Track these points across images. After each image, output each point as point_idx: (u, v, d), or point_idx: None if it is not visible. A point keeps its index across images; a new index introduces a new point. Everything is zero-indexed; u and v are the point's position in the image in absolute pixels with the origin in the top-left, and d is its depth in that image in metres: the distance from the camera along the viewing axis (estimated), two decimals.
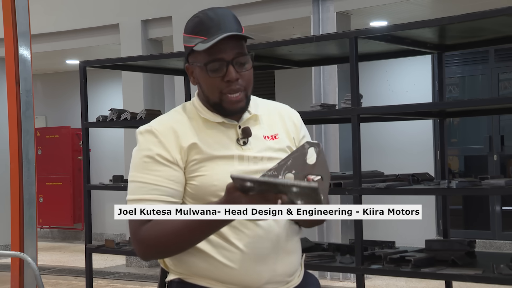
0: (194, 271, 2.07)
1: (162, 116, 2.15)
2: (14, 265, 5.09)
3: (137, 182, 2.04)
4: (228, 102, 2.04)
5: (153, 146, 2.04)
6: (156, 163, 2.03)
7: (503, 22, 4.23)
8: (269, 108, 2.20)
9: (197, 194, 2.04)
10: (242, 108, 2.07)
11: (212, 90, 2.05)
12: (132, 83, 9.18)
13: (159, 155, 2.03)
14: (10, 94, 5.06)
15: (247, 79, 2.06)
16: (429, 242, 4.52)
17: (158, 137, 2.05)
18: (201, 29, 2.03)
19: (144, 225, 1.99)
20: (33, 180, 5.05)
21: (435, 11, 7.77)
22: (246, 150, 2.08)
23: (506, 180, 4.07)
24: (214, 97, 2.05)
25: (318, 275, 7.81)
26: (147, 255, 2.06)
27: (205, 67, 2.03)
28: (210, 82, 2.04)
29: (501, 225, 9.38)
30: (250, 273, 2.02)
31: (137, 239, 2.01)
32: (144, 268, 9.17)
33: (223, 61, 2.02)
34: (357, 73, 4.42)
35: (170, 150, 2.03)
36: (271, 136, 2.13)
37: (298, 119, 2.23)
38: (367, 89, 8.64)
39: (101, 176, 10.01)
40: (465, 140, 10.11)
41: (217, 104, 2.06)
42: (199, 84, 2.10)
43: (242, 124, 2.10)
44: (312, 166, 1.90)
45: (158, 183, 2.02)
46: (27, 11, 5.08)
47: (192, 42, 2.05)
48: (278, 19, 8.17)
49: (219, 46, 2.00)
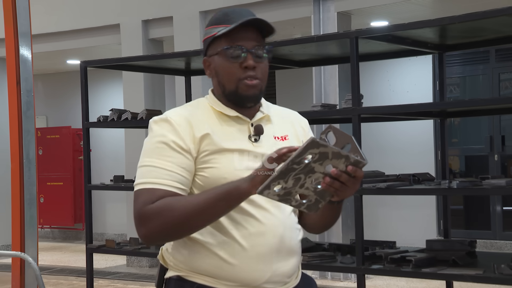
0: (193, 268, 2.07)
1: (176, 108, 2.17)
2: (15, 265, 5.09)
3: (149, 167, 2.03)
4: (244, 87, 2.08)
5: (168, 133, 2.06)
6: (170, 149, 2.04)
7: (503, 22, 4.23)
8: (280, 113, 2.25)
9: (206, 186, 2.04)
10: (256, 96, 2.11)
11: (229, 77, 2.09)
12: (133, 83, 9.18)
13: (174, 142, 2.05)
14: (11, 94, 5.06)
15: (263, 71, 2.12)
16: (430, 242, 4.52)
17: (174, 125, 2.07)
18: (225, 19, 2.11)
19: (154, 203, 1.98)
20: (34, 180, 5.05)
21: (435, 11, 7.77)
22: (257, 147, 2.10)
23: (507, 180, 4.07)
24: (230, 84, 2.10)
25: (318, 275, 7.82)
26: (152, 234, 1.99)
27: (225, 52, 2.08)
28: (229, 68, 2.09)
29: (502, 225, 9.38)
30: (250, 271, 2.03)
31: (144, 217, 1.97)
32: (145, 268, 9.17)
33: (243, 48, 2.08)
34: (358, 73, 4.42)
35: (185, 138, 2.05)
36: (282, 137, 2.16)
37: (307, 125, 2.29)
38: (367, 89, 8.65)
39: (102, 176, 10.02)
40: (465, 140, 10.11)
41: (233, 92, 2.10)
42: (216, 75, 2.14)
43: (255, 122, 2.13)
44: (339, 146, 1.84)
45: (171, 169, 2.02)
46: (28, 11, 5.08)
47: (215, 31, 2.11)
48: (278, 19, 8.17)
49: (241, 34, 2.08)
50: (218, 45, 2.11)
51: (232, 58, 2.08)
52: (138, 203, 2.00)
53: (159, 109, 6.78)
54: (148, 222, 1.97)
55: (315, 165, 1.78)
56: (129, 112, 5.64)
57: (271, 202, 2.02)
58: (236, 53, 2.08)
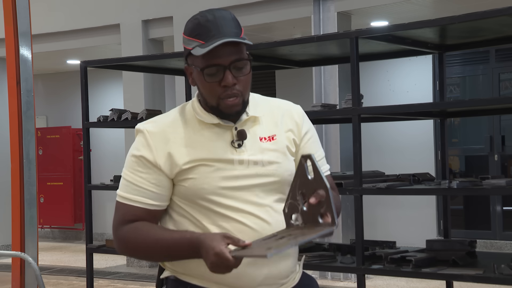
0: (188, 270, 2.08)
1: (159, 116, 2.17)
2: (15, 265, 5.10)
3: (125, 180, 2.12)
4: (225, 106, 2.04)
5: (141, 147, 2.09)
6: (140, 164, 2.08)
7: (503, 22, 4.23)
8: (270, 107, 2.18)
9: (187, 196, 2.07)
10: (238, 112, 2.07)
11: (210, 95, 2.05)
12: (133, 83, 9.18)
13: (143, 157, 2.08)
14: (11, 94, 5.07)
15: (244, 84, 2.05)
16: (430, 242, 4.52)
17: (147, 139, 2.09)
18: (199, 33, 2.02)
19: (126, 225, 2.08)
20: (34, 180, 5.05)
21: (435, 11, 7.77)
22: (240, 152, 2.07)
23: (507, 180, 4.07)
24: (211, 100, 2.06)
25: (318, 275, 7.82)
26: (121, 251, 2.14)
27: (202, 72, 2.03)
28: (207, 86, 2.04)
29: (502, 225, 9.38)
30: (242, 276, 2.03)
31: (116, 236, 2.11)
32: (144, 268, 9.17)
33: (220, 66, 2.01)
34: (358, 73, 4.42)
35: (155, 154, 2.07)
36: (268, 137, 2.12)
37: (299, 115, 2.22)
38: (368, 89, 8.65)
39: (102, 176, 10.01)
40: (466, 140, 10.11)
41: (214, 107, 2.07)
42: (197, 87, 2.11)
43: (239, 125, 2.09)
44: (312, 181, 1.92)
45: (141, 185, 2.07)
46: (28, 11, 5.08)
47: (190, 44, 2.04)
48: (278, 19, 8.17)
49: (216, 51, 1.99)
50: (195, 60, 2.04)
51: (209, 77, 2.02)
52: (115, 218, 2.13)
53: (159, 109, 6.78)
54: (117, 243, 2.12)
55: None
56: (129, 112, 5.64)
57: (258, 208, 2.05)
58: (213, 72, 2.01)
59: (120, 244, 2.10)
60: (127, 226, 2.07)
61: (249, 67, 2.06)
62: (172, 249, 2.00)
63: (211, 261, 1.86)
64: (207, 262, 1.88)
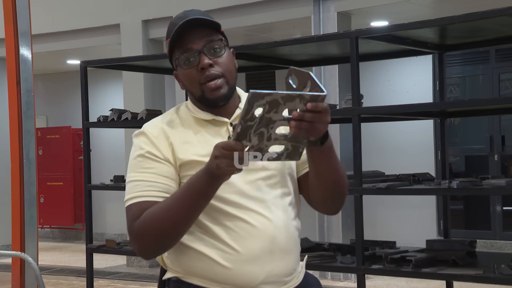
0: (190, 271, 2.08)
1: (155, 118, 2.18)
2: (15, 265, 5.09)
3: (133, 181, 2.06)
4: (209, 91, 2.06)
5: (145, 145, 2.08)
6: (148, 161, 2.06)
7: (503, 22, 4.23)
8: None
9: None
10: (224, 95, 2.07)
11: (192, 84, 2.08)
12: (133, 83, 9.18)
13: (150, 153, 2.06)
14: (11, 94, 5.06)
15: (224, 65, 2.07)
16: (430, 242, 4.52)
17: (150, 137, 2.08)
18: (170, 30, 2.09)
19: (138, 218, 2.01)
20: (34, 180, 5.05)
21: (435, 11, 7.77)
22: None
23: (507, 180, 4.07)
24: (195, 90, 2.08)
25: (318, 275, 7.81)
26: (146, 248, 2.04)
27: (180, 62, 2.07)
28: (188, 75, 2.07)
29: (502, 225, 9.38)
30: (244, 274, 2.02)
31: (134, 234, 2.02)
32: (145, 268, 9.17)
33: (193, 50, 2.05)
34: (358, 73, 4.42)
35: (161, 149, 2.06)
36: None
37: None
38: (368, 89, 8.64)
39: (102, 176, 10.01)
40: (466, 140, 10.11)
41: (201, 97, 2.08)
42: (184, 85, 2.13)
43: (233, 120, 2.11)
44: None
45: (153, 180, 2.04)
46: (28, 11, 5.08)
47: (167, 45, 2.11)
48: (278, 19, 8.17)
49: (187, 38, 2.05)
50: (177, 60, 2.09)
51: (187, 65, 2.06)
52: (128, 220, 2.04)
53: (159, 109, 6.78)
54: (139, 237, 2.01)
55: (271, 115, 1.73)
56: (129, 112, 5.64)
57: (259, 204, 2.03)
58: (189, 58, 2.05)
59: (143, 233, 1.99)
60: (141, 216, 2.00)
61: (226, 49, 2.10)
62: (190, 192, 1.92)
63: (215, 155, 1.81)
64: (213, 164, 1.82)
